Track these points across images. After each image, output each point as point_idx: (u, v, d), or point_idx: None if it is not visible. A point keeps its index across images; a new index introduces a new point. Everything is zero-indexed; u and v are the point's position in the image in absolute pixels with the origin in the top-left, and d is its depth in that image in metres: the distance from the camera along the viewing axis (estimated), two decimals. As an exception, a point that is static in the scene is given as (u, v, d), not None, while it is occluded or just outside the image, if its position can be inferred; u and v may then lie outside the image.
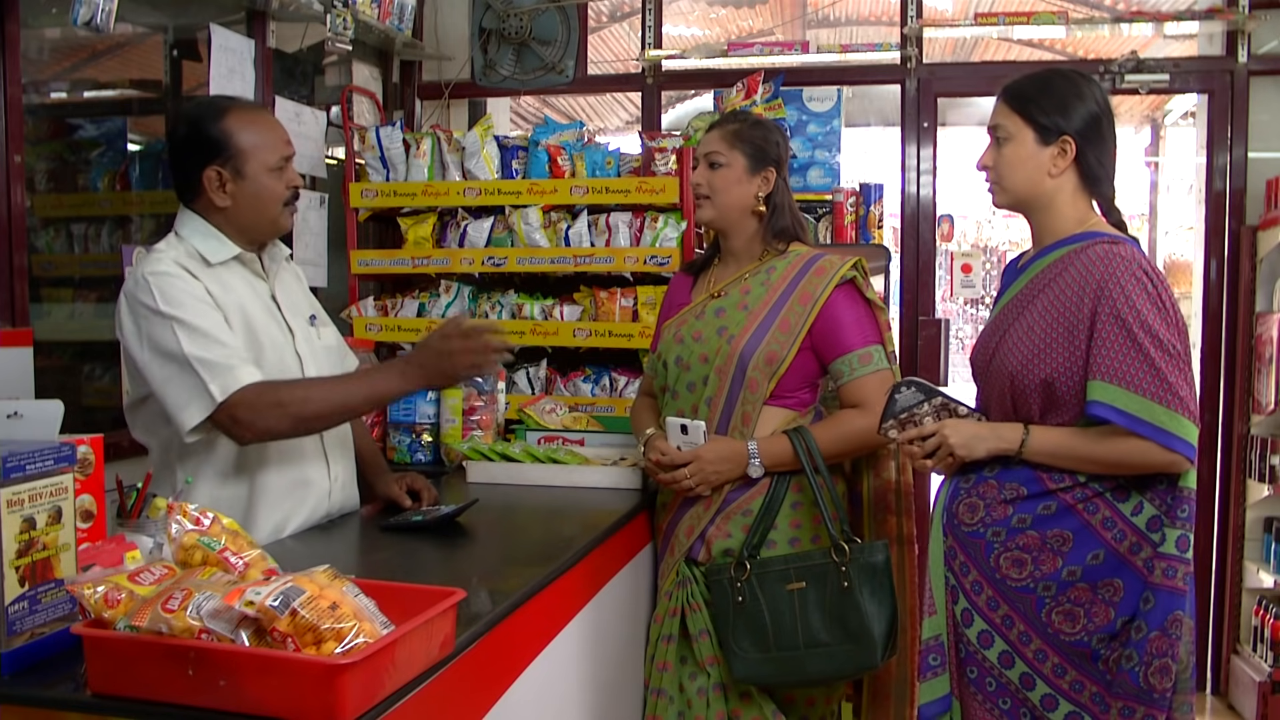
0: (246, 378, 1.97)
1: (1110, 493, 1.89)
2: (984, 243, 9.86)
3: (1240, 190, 4.03)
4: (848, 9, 6.88)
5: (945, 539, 2.03)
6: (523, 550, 2.21)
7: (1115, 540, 1.88)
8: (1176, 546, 1.84)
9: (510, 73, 4.38)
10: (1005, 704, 1.96)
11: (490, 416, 2.99)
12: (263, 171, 2.11)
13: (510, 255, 3.56)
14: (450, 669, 1.48)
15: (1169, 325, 1.87)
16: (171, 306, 1.99)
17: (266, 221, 2.16)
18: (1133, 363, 1.83)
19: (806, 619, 2.24)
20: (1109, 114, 2.01)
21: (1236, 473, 3.99)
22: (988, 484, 1.97)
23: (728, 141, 2.44)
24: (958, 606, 2.01)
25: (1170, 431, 1.82)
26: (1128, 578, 1.88)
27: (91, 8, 2.43)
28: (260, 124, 2.15)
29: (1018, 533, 1.93)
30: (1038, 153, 1.99)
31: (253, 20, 3.43)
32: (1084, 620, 1.89)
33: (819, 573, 2.25)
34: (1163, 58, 4.09)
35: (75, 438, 1.52)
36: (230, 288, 2.10)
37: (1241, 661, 3.94)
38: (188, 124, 2.12)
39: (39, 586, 1.40)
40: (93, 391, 2.96)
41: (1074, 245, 1.97)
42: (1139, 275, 1.88)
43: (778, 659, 2.25)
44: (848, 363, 2.37)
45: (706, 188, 2.46)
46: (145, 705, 1.27)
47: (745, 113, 2.58)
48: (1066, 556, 1.90)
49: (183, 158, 2.12)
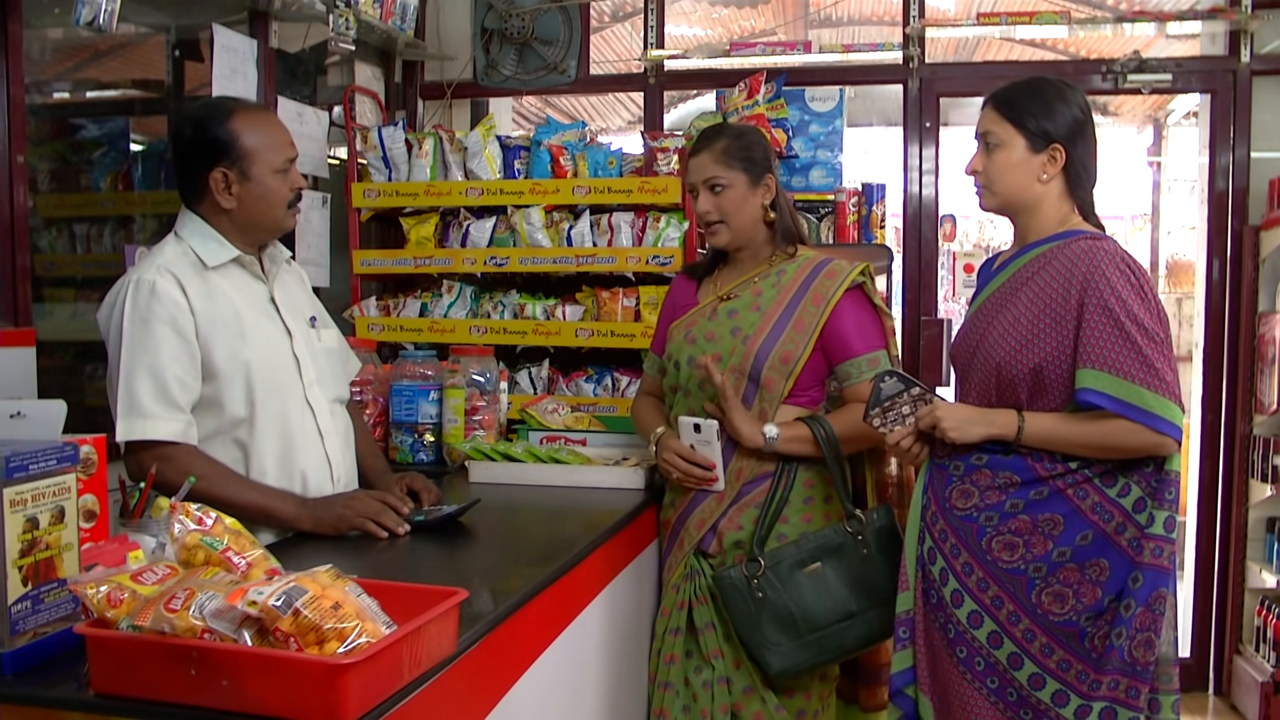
0: (160, 433, 1.97)
1: (1099, 478, 1.96)
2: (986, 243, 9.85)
3: (1243, 190, 4.03)
4: (850, 9, 6.88)
5: (936, 523, 2.09)
6: (525, 550, 2.21)
7: (1103, 521, 1.96)
8: (1164, 527, 1.92)
9: (512, 73, 4.38)
10: (993, 683, 2.01)
11: (492, 416, 2.99)
12: (268, 173, 2.12)
13: (512, 255, 3.56)
14: (453, 669, 1.48)
15: (1152, 313, 1.95)
16: (133, 325, 2.00)
17: (270, 222, 2.16)
18: (1120, 350, 1.91)
19: (833, 595, 2.31)
20: (1091, 120, 2.09)
21: (1239, 473, 3.99)
22: (981, 473, 2.03)
23: (723, 163, 2.43)
24: (947, 588, 2.06)
25: (1157, 414, 1.89)
26: (1113, 557, 1.95)
27: (94, 8, 2.43)
28: (266, 126, 2.15)
29: (1010, 517, 1.99)
30: (1029, 159, 2.06)
31: (255, 20, 3.43)
32: (1073, 600, 1.95)
33: (834, 548, 2.33)
34: (1165, 57, 4.09)
35: (78, 437, 1.52)
36: (222, 294, 2.10)
37: (1244, 662, 3.94)
38: (193, 126, 2.12)
39: (42, 586, 1.40)
40: (95, 391, 2.95)
41: (1057, 241, 2.05)
42: (1122, 267, 1.96)
43: (811, 642, 2.31)
44: (856, 365, 2.41)
45: (716, 213, 2.44)
46: (148, 705, 1.27)
47: (723, 126, 2.58)
48: (1057, 539, 1.97)
49: (188, 159, 2.12)
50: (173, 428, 1.99)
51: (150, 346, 1.99)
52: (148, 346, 1.99)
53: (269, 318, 2.19)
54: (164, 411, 1.99)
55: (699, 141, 2.51)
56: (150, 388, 1.98)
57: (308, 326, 2.28)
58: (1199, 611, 4.12)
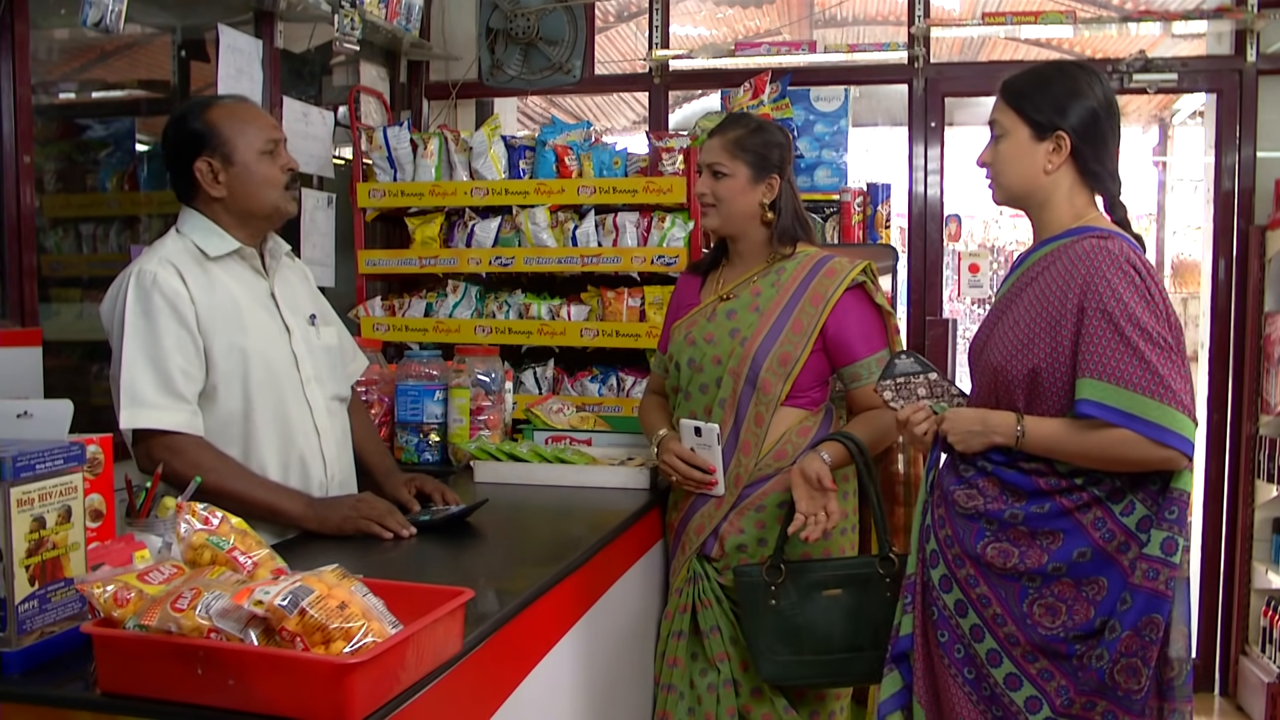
0: (163, 422, 1.98)
1: (1107, 497, 1.86)
2: (991, 242, 9.83)
3: (1249, 190, 4.02)
4: (855, 9, 6.87)
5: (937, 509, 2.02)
6: (530, 550, 2.21)
7: (1104, 539, 1.85)
8: (1162, 549, 1.80)
9: (517, 73, 4.38)
10: (970, 674, 1.95)
11: (498, 416, 2.99)
12: (253, 156, 2.13)
13: (517, 255, 3.57)
14: (458, 668, 1.48)
15: (1158, 318, 1.82)
16: (135, 316, 2.01)
17: (265, 206, 2.16)
18: (1120, 357, 1.79)
19: (844, 625, 2.23)
20: (1110, 109, 1.98)
21: (1245, 473, 3.98)
22: (988, 479, 1.95)
23: (729, 152, 2.43)
24: (936, 571, 1.99)
25: (1161, 425, 1.77)
26: (1113, 576, 1.85)
27: (100, 9, 2.44)
28: (242, 112, 2.17)
29: (1009, 526, 1.91)
30: (1032, 149, 1.97)
31: (260, 21, 3.44)
32: (1064, 616, 1.86)
33: (859, 581, 2.24)
34: (1171, 57, 4.08)
35: (84, 437, 1.53)
36: (222, 285, 2.11)
37: (1250, 662, 3.93)
38: (174, 124, 2.16)
39: (49, 585, 1.40)
40: (101, 391, 2.94)
41: (1065, 240, 1.95)
42: (1125, 269, 1.84)
43: (811, 662, 2.25)
44: (865, 367, 2.38)
45: (711, 196, 2.45)
46: (154, 704, 1.28)
47: (747, 116, 2.56)
48: (1053, 553, 1.87)
49: (174, 156, 2.15)
50: (176, 418, 2.00)
51: (153, 337, 2.00)
52: (150, 337, 2.00)
53: (268, 312, 2.19)
54: (167, 401, 1.99)
55: (720, 124, 2.53)
56: (153, 378, 1.99)
57: (307, 324, 2.28)
58: (1205, 612, 4.11)
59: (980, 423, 1.95)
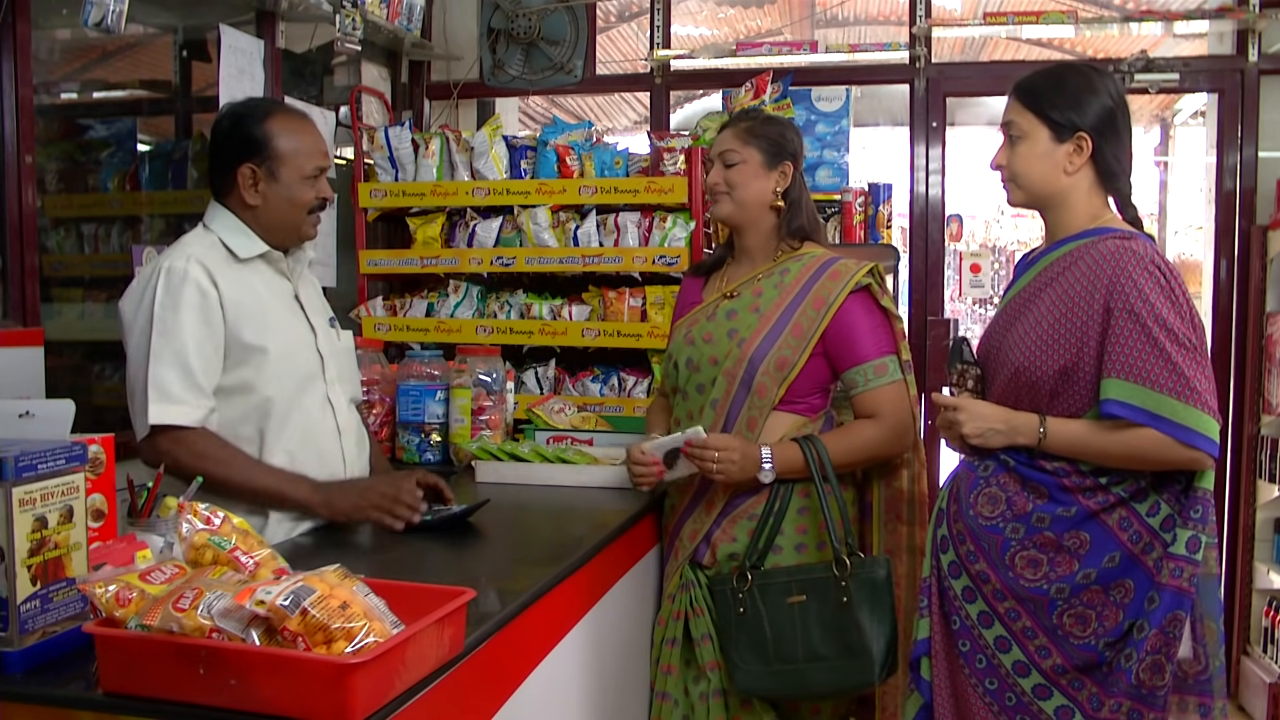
0: (190, 418, 2.00)
1: (1132, 497, 1.87)
2: (992, 242, 9.84)
3: (1250, 190, 4.01)
4: (856, 9, 6.87)
5: (955, 524, 2.01)
6: (531, 550, 2.21)
7: (1131, 541, 1.87)
8: (1186, 548, 1.82)
9: (519, 73, 4.38)
10: (992, 684, 1.95)
11: (499, 416, 2.99)
12: (296, 178, 2.15)
13: (519, 255, 3.57)
14: (460, 669, 1.48)
15: (1184, 320, 1.83)
16: (164, 310, 2.01)
17: (291, 226, 2.19)
18: (1147, 358, 1.80)
19: (807, 632, 2.20)
20: (1124, 108, 1.98)
21: (1246, 473, 3.97)
22: (1010, 475, 1.94)
23: (741, 139, 2.41)
24: (958, 583, 1.99)
25: (1187, 426, 1.79)
26: (1138, 578, 1.86)
27: (102, 9, 2.44)
28: (302, 132, 2.18)
29: (1036, 531, 1.90)
30: (1053, 150, 1.97)
31: (262, 20, 3.44)
32: (1094, 624, 1.87)
33: (820, 586, 2.21)
34: (1172, 57, 4.07)
35: (86, 437, 1.53)
36: (251, 285, 2.13)
37: (1252, 663, 3.93)
38: (231, 120, 2.17)
39: (51, 585, 1.40)
40: (103, 391, 2.97)
41: (1085, 240, 1.95)
42: (1152, 270, 1.85)
43: (778, 672, 2.22)
44: (862, 373, 2.34)
45: (723, 184, 2.42)
46: (156, 704, 1.28)
47: (757, 110, 2.56)
48: (1083, 560, 1.87)
49: (221, 152, 2.16)
50: (198, 414, 2.02)
51: (179, 333, 2.01)
52: (176, 333, 2.01)
53: (294, 314, 2.22)
54: (191, 397, 2.01)
55: (729, 118, 2.52)
56: (178, 374, 2.00)
57: (329, 326, 2.31)
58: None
59: (1004, 422, 1.95)
